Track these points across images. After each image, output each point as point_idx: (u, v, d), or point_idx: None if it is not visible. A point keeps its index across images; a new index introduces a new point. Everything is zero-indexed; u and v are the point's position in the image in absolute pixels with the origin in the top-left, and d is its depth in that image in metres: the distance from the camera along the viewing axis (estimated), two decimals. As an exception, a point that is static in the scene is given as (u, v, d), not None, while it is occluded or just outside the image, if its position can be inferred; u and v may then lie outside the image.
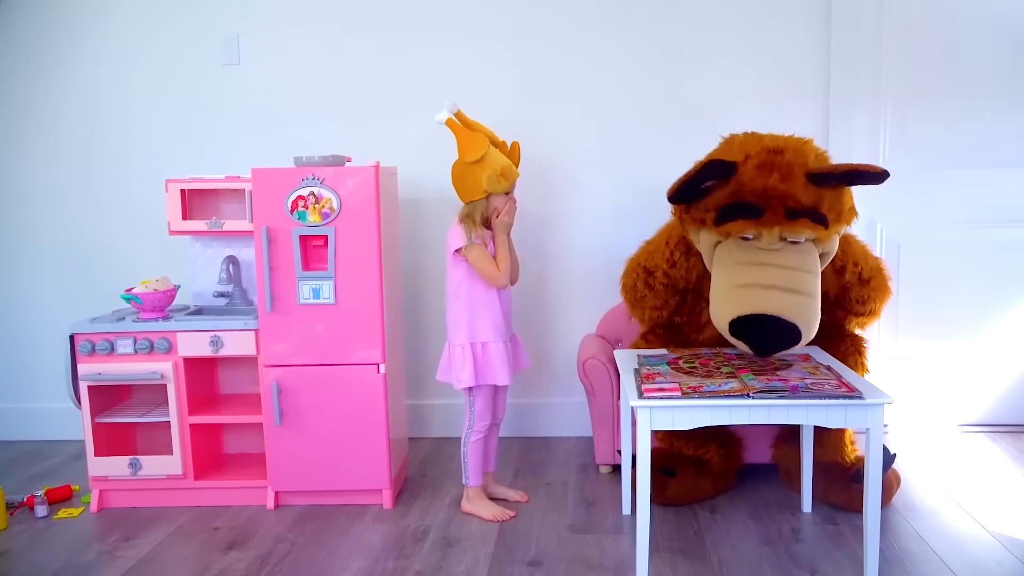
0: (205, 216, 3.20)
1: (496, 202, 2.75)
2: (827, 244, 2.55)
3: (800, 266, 2.48)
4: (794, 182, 2.46)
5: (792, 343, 2.43)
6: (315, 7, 3.58)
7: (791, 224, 2.45)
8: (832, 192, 2.48)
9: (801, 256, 2.49)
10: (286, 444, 2.97)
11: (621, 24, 3.52)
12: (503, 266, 2.77)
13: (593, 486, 3.17)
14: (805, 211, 2.44)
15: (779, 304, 2.41)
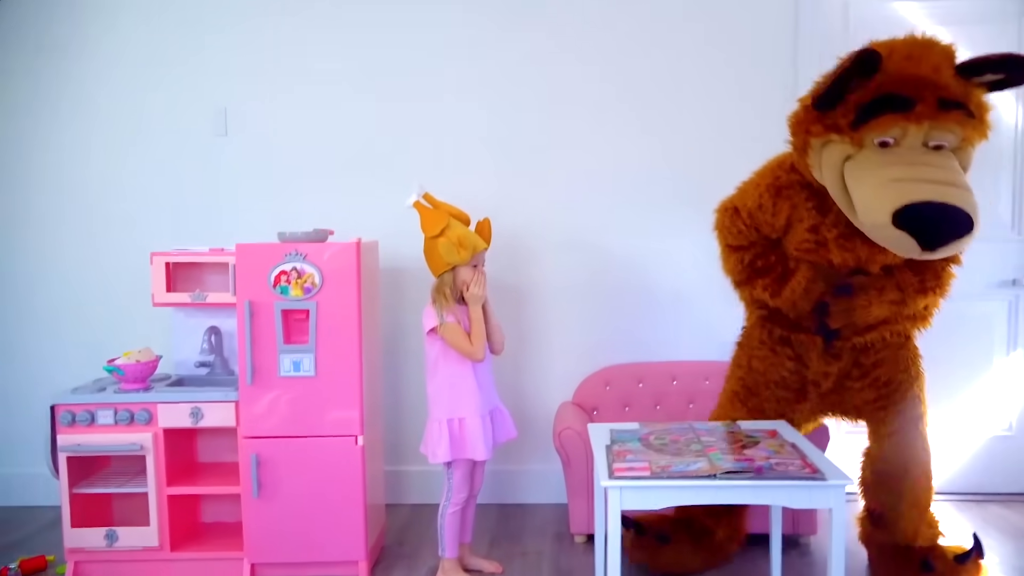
0: (189, 288, 3.26)
1: (463, 275, 2.86)
2: (964, 155, 2.37)
3: (951, 167, 2.29)
4: (946, 73, 2.29)
5: (964, 231, 2.22)
6: (303, 80, 3.70)
7: (943, 117, 2.26)
8: (979, 92, 2.34)
9: (947, 159, 2.31)
10: (263, 516, 2.99)
11: (597, 100, 3.66)
12: (476, 340, 2.86)
13: (568, 556, 3.21)
14: (958, 103, 2.27)
15: (947, 194, 2.21)
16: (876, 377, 2.79)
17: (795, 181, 2.64)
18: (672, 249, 3.69)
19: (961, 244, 2.27)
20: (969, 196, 2.25)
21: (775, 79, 3.58)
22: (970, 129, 2.31)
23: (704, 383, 3.56)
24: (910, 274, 2.61)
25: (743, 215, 2.75)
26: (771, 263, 2.73)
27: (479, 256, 2.90)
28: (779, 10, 3.56)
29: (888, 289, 2.62)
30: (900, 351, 2.79)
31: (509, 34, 3.65)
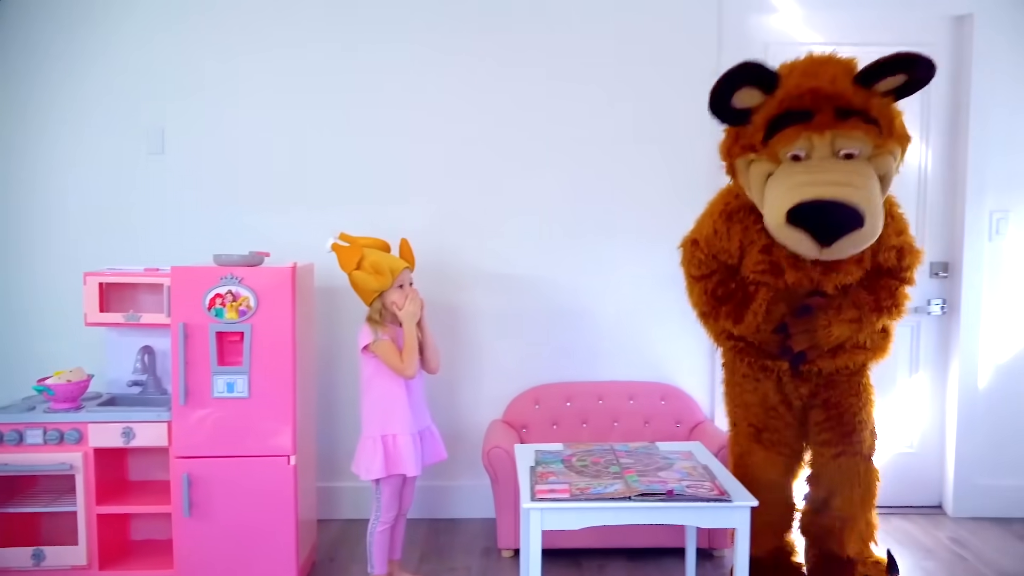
0: (123, 308, 3.28)
1: (391, 297, 2.97)
2: (881, 163, 2.44)
3: (858, 171, 2.39)
4: (842, 83, 2.39)
5: (855, 225, 2.34)
6: (239, 102, 3.74)
7: (843, 125, 2.36)
8: (881, 100, 2.43)
9: (858, 166, 2.41)
10: (194, 534, 3.02)
11: (530, 134, 3.79)
12: (407, 358, 2.95)
13: (495, 571, 3.33)
14: (856, 111, 2.37)
15: (838, 192, 2.33)
16: (826, 399, 2.86)
17: (744, 205, 2.73)
18: (600, 275, 3.84)
19: (857, 239, 2.38)
20: (862, 193, 2.34)
21: (698, 115, 3.73)
22: (875, 135, 2.39)
23: (629, 402, 3.72)
24: (865, 293, 2.67)
25: (701, 245, 2.81)
26: (731, 290, 2.77)
27: (402, 276, 3.00)
28: (703, 49, 3.73)
29: (845, 308, 2.66)
30: (853, 376, 2.85)
31: (444, 66, 3.75)
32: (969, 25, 3.71)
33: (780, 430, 2.91)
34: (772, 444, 2.92)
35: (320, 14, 3.73)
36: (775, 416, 2.90)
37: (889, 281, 2.69)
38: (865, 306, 2.68)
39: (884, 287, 2.69)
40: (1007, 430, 3.85)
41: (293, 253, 3.39)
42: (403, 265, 3.02)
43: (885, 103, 2.45)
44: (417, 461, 2.99)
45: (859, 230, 2.34)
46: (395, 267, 2.98)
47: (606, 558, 3.40)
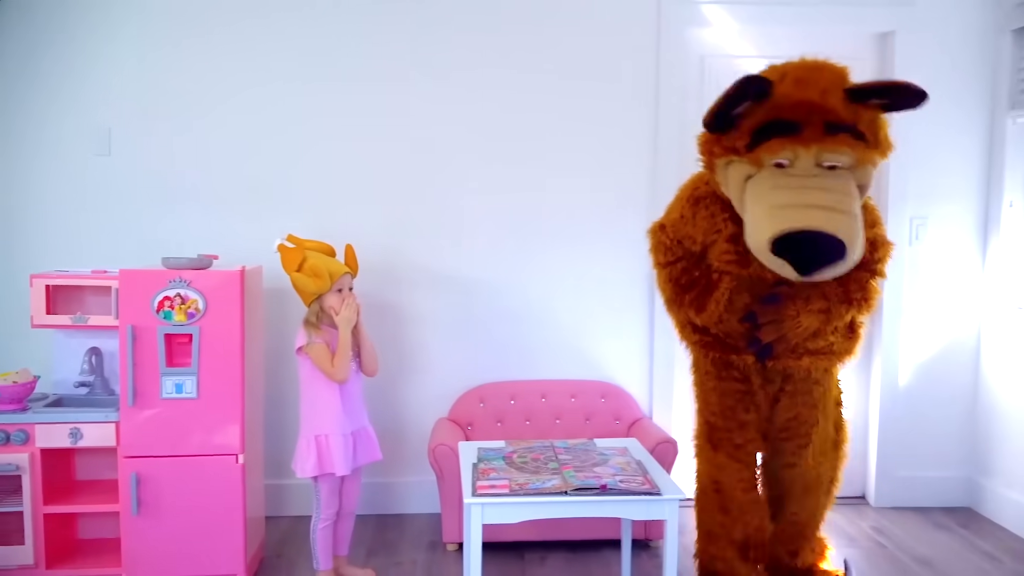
0: (70, 309, 3.30)
1: (329, 301, 3.05)
2: (863, 173, 2.45)
3: (840, 188, 2.38)
4: (833, 97, 2.37)
5: (836, 258, 2.35)
6: (187, 104, 3.77)
7: (830, 140, 2.35)
8: (870, 114, 2.42)
9: (839, 181, 2.39)
10: (143, 532, 3.07)
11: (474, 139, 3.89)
12: (338, 362, 3.03)
13: (440, 564, 3.44)
14: (845, 126, 2.35)
15: (821, 221, 2.31)
16: (788, 405, 2.85)
17: (712, 192, 2.72)
18: (543, 276, 3.96)
19: (836, 269, 2.40)
20: (847, 220, 2.34)
21: (639, 125, 3.91)
22: (861, 150, 2.39)
23: (570, 400, 3.86)
24: (835, 284, 2.62)
25: (668, 230, 2.81)
26: (695, 277, 2.75)
27: (341, 281, 3.09)
28: (643, 61, 3.88)
29: (814, 298, 2.63)
30: (815, 386, 2.82)
31: (391, 72, 3.83)
32: (891, 41, 3.93)
33: (742, 432, 2.87)
34: (735, 448, 2.88)
35: (267, 19, 3.78)
36: (738, 416, 2.87)
37: (860, 273, 2.63)
38: (834, 297, 2.64)
39: (855, 279, 2.63)
40: (925, 425, 4.09)
41: (241, 255, 3.45)
42: (343, 270, 3.11)
43: (873, 116, 2.44)
44: (347, 461, 3.06)
45: (840, 262, 2.37)
46: (334, 271, 3.07)
47: (547, 550, 3.54)
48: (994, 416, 3.94)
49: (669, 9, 3.85)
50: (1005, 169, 3.87)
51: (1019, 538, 3.72)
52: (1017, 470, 3.80)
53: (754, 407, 2.88)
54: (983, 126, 3.97)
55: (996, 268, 3.94)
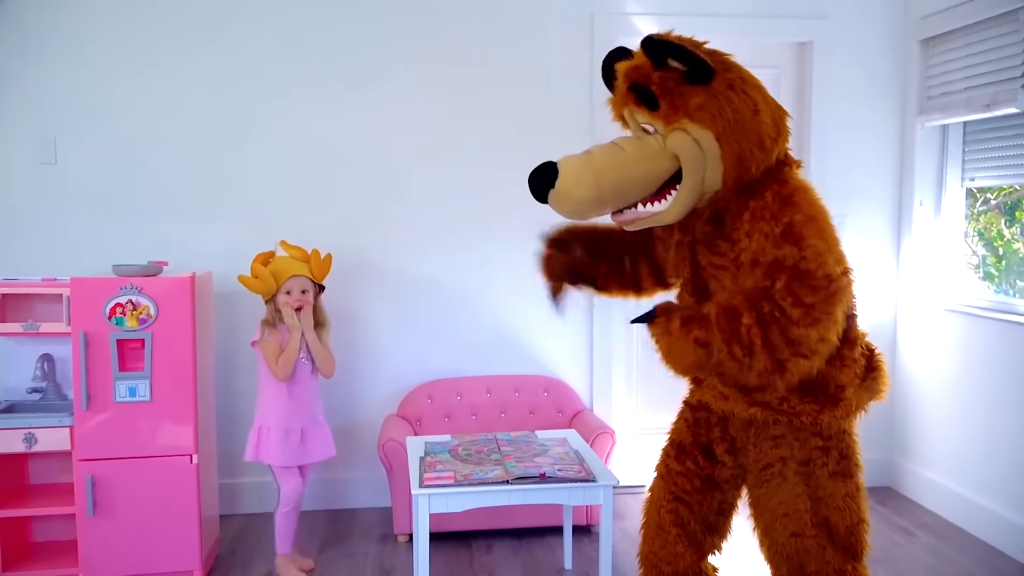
0: (20, 317, 3.34)
1: (280, 301, 3.24)
2: (674, 141, 2.11)
3: (617, 142, 2.20)
4: (639, 58, 2.20)
5: (543, 173, 2.15)
6: (132, 110, 3.83)
7: (623, 99, 2.22)
8: (663, 75, 2.12)
9: (632, 140, 2.21)
10: (99, 533, 3.15)
11: (420, 143, 4.03)
12: (281, 361, 3.21)
13: (391, 555, 3.58)
14: (639, 88, 2.16)
15: (564, 159, 2.18)
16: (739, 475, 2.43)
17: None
18: (487, 275, 4.12)
19: (557, 198, 2.16)
20: (577, 156, 2.17)
21: (576, 127, 4.09)
22: (643, 111, 2.16)
23: (515, 395, 4.02)
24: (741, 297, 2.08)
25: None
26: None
27: (289, 284, 3.23)
28: (577, 70, 4.06)
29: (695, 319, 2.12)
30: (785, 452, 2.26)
31: (334, 78, 3.95)
32: (809, 51, 4.18)
33: (685, 480, 2.46)
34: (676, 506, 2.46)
35: (212, 26, 3.86)
36: (683, 459, 2.47)
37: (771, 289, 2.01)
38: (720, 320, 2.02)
39: (766, 296, 2.01)
40: (848, 409, 4.35)
41: (190, 261, 3.54)
42: (290, 273, 3.25)
43: (669, 78, 2.12)
44: (285, 454, 3.25)
45: (552, 190, 2.14)
46: (280, 274, 3.23)
47: (494, 538, 3.70)
48: (911, 401, 4.22)
49: (601, 20, 4.04)
50: (915, 170, 4.15)
51: (934, 514, 4.00)
52: (932, 451, 4.08)
53: (702, 454, 2.45)
54: (895, 130, 4.24)
55: (909, 262, 4.22)
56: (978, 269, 4.06)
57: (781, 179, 2.20)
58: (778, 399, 2.19)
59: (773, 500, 2.28)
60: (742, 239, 2.13)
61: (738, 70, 2.20)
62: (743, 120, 2.11)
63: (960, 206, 4.10)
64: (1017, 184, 3.83)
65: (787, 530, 2.26)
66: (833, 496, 2.24)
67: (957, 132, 4.06)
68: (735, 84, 2.13)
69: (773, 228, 2.07)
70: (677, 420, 2.55)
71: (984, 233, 4.08)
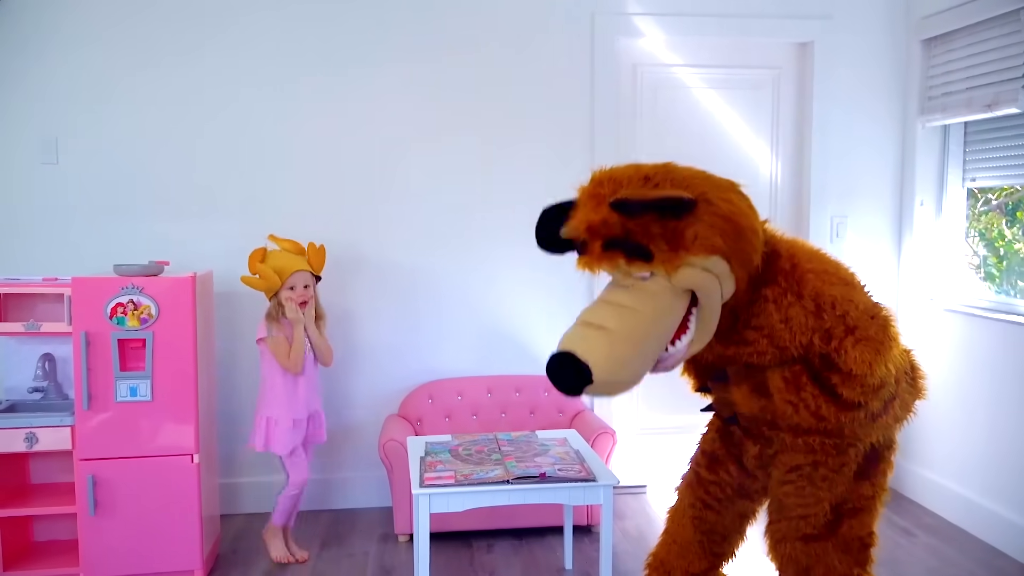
0: (21, 317, 3.35)
1: (283, 296, 3.30)
2: (684, 278, 2.04)
3: (620, 301, 2.09)
4: (604, 210, 2.07)
5: (581, 383, 1.98)
6: (133, 110, 3.83)
7: (607, 258, 2.08)
8: (658, 220, 2.03)
9: (634, 293, 2.09)
10: (100, 533, 3.15)
11: (425, 144, 4.03)
12: (293, 355, 3.30)
13: (392, 555, 3.58)
14: (619, 242, 2.05)
15: (572, 341, 2.04)
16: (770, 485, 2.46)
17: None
18: (488, 276, 4.12)
19: (600, 391, 2.04)
20: (590, 333, 2.03)
21: (576, 129, 4.09)
22: (640, 265, 2.06)
23: (515, 395, 4.02)
24: (777, 378, 2.24)
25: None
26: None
27: (292, 279, 3.30)
28: (578, 70, 4.06)
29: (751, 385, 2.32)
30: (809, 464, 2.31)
31: (333, 74, 3.95)
32: (810, 51, 4.17)
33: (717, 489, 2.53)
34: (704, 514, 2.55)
35: (210, 25, 3.86)
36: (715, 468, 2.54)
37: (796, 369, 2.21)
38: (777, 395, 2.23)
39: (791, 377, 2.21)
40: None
41: (191, 260, 3.55)
42: (293, 268, 3.30)
43: (662, 223, 2.03)
44: (292, 443, 3.38)
45: (591, 386, 1.99)
46: (283, 270, 3.29)
47: (494, 538, 3.70)
48: (910, 401, 4.22)
49: (602, 20, 4.03)
50: (916, 170, 4.14)
51: (935, 515, 3.99)
52: (933, 452, 4.08)
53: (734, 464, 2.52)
54: (896, 130, 4.24)
55: (910, 262, 4.22)
56: (979, 269, 4.06)
57: (775, 253, 2.20)
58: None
59: (792, 500, 2.32)
60: (776, 325, 2.17)
61: (694, 178, 2.12)
62: (736, 226, 2.07)
63: (961, 206, 4.10)
64: (1018, 184, 3.82)
65: (800, 532, 2.31)
66: (855, 498, 2.31)
67: (958, 132, 4.06)
68: (710, 197, 2.06)
69: (806, 307, 2.15)
70: (708, 430, 2.61)
71: (985, 233, 4.08)
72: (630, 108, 4.17)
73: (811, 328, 2.14)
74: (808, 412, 2.19)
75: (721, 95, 4.21)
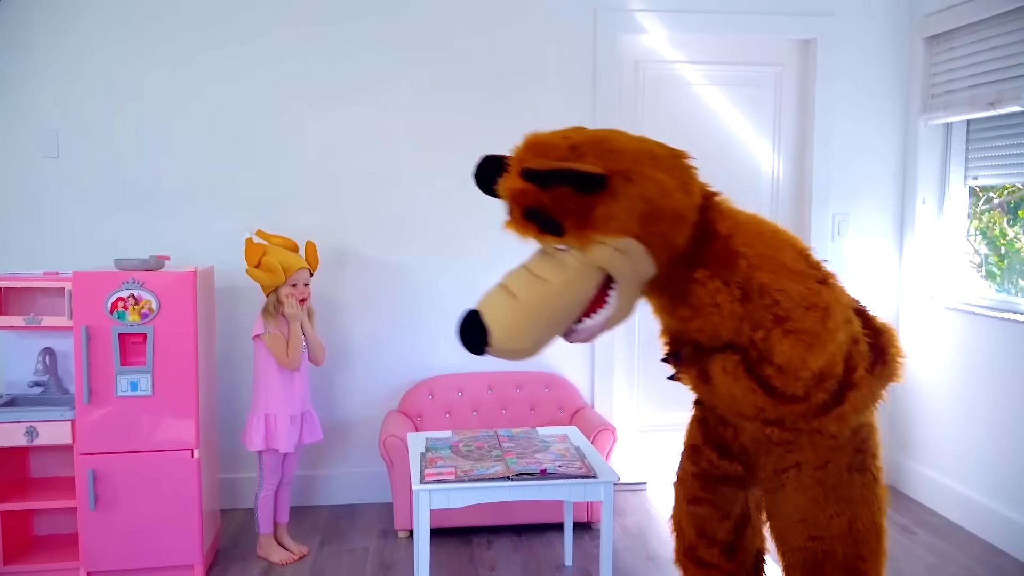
0: (22, 311, 3.34)
1: (284, 293, 3.31)
2: (596, 255, 1.98)
3: (536, 270, 2.10)
4: (520, 180, 2.04)
5: (469, 333, 2.06)
6: (134, 104, 3.83)
7: (525, 227, 2.07)
8: (574, 195, 1.95)
9: (550, 264, 2.08)
10: (100, 527, 3.15)
11: (420, 140, 4.02)
12: (291, 352, 3.31)
13: (392, 550, 3.58)
14: (536, 214, 2.02)
15: (484, 298, 2.11)
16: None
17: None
18: (489, 271, 4.08)
19: (493, 353, 2.08)
20: (496, 292, 2.09)
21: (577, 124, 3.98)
22: (548, 238, 2.05)
23: (516, 391, 4.02)
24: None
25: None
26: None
27: (296, 276, 3.32)
28: (580, 66, 4.05)
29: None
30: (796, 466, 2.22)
31: (334, 71, 3.94)
32: (813, 48, 4.17)
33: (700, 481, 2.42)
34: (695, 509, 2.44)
35: (211, 22, 3.85)
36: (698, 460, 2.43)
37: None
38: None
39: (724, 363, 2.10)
40: (849, 407, 4.35)
41: (192, 255, 3.54)
42: (298, 266, 3.32)
43: (563, 196, 1.96)
44: (292, 440, 3.37)
45: (490, 349, 2.04)
46: (289, 267, 3.30)
47: (494, 534, 3.71)
48: (912, 400, 4.21)
49: (604, 16, 4.02)
50: (919, 168, 4.14)
51: (935, 513, 4.00)
52: (933, 450, 4.08)
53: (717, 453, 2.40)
54: (898, 128, 4.23)
55: (912, 260, 4.21)
56: (980, 268, 4.06)
57: (712, 232, 2.07)
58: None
59: (788, 506, 2.23)
60: (706, 308, 2.05)
61: (629, 151, 2.03)
62: (656, 208, 1.96)
63: (963, 204, 4.09)
64: (1020, 183, 3.82)
65: (804, 535, 2.21)
66: (851, 490, 2.18)
67: (960, 130, 4.05)
68: (632, 174, 1.96)
69: (732, 294, 2.01)
70: (690, 423, 2.49)
71: (986, 232, 4.07)
72: (632, 105, 4.16)
73: (738, 316, 2.02)
74: (746, 404, 2.08)
75: (723, 92, 4.21)
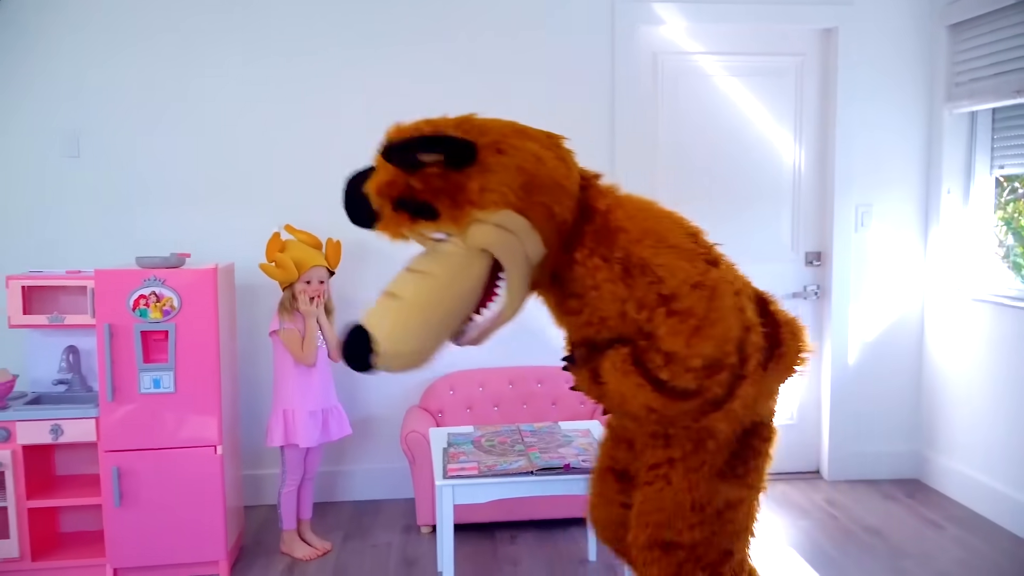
0: (46, 310, 3.37)
1: (298, 289, 3.32)
2: (476, 236, 1.88)
3: (418, 267, 1.96)
4: (390, 169, 1.94)
5: (358, 345, 1.85)
6: (153, 104, 3.85)
7: (396, 221, 1.94)
8: (441, 175, 1.87)
9: (432, 257, 1.96)
10: (125, 523, 3.17)
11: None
12: (306, 348, 3.32)
13: (415, 546, 3.58)
14: (407, 202, 1.90)
15: (366, 312, 1.92)
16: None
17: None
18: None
19: (382, 363, 1.88)
20: (382, 302, 1.91)
21: (597, 118, 4.06)
22: (425, 224, 1.92)
23: (537, 386, 4.01)
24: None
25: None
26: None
27: (310, 273, 3.33)
28: (599, 58, 4.02)
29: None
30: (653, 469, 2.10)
31: (356, 64, 3.94)
32: (835, 37, 4.11)
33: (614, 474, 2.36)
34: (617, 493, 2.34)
35: (231, 16, 3.86)
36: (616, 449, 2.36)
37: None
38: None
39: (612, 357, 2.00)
40: (875, 402, 4.30)
41: (212, 252, 3.55)
42: (313, 263, 3.33)
43: (431, 176, 1.89)
44: (312, 435, 3.36)
45: (377, 358, 1.86)
46: (302, 263, 3.31)
47: (517, 530, 3.70)
48: (938, 392, 4.16)
49: (622, 7, 3.99)
50: (943, 158, 4.08)
51: (962, 506, 3.94)
52: (960, 443, 4.03)
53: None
54: (922, 117, 4.17)
55: (937, 251, 4.15)
56: (1006, 259, 3.99)
57: (591, 209, 1.99)
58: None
59: (651, 504, 2.07)
60: (589, 293, 1.96)
61: (494, 127, 1.97)
62: (532, 177, 1.89)
63: (989, 195, 4.03)
64: (1048, 171, 3.76)
65: (661, 538, 2.05)
66: (722, 502, 2.04)
67: (986, 119, 3.99)
68: (502, 145, 1.91)
69: (613, 271, 1.91)
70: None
71: (1011, 222, 4.01)
72: (651, 97, 4.13)
73: (620, 296, 1.92)
74: (636, 402, 1.94)
75: (743, 83, 4.16)
